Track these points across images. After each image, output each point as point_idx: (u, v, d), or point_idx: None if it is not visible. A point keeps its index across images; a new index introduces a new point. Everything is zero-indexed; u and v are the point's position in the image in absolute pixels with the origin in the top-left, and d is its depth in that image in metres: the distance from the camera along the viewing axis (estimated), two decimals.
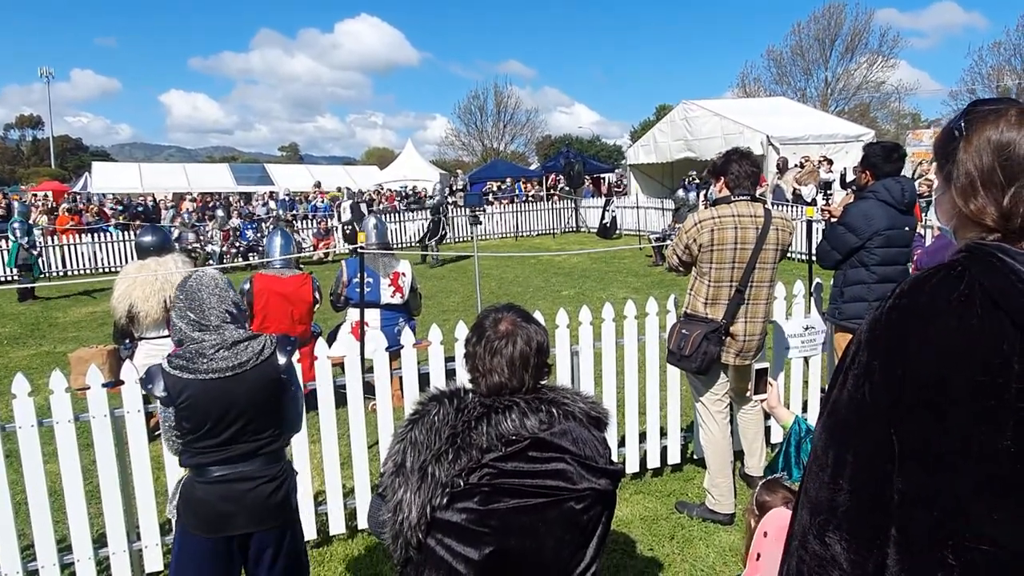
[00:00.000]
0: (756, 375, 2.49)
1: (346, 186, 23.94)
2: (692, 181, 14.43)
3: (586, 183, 22.65)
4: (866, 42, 38.01)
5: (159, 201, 22.50)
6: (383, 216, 15.97)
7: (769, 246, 3.40)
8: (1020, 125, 0.95)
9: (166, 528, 3.30)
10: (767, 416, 3.82)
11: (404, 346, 3.65)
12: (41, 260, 13.22)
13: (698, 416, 3.73)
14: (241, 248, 15.44)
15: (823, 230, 4.60)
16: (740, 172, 3.41)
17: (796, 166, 14.20)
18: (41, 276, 12.70)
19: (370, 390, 3.66)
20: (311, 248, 15.70)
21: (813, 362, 4.47)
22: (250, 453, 2.22)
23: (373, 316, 5.29)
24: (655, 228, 15.49)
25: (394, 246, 10.87)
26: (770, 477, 2.13)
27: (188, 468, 2.26)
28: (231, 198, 23.96)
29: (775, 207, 10.69)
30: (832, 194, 13.18)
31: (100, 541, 3.24)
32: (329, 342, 4.57)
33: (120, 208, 20.05)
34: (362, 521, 3.55)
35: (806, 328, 4.14)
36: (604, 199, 19.36)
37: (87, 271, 14.99)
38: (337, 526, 3.55)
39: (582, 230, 19.63)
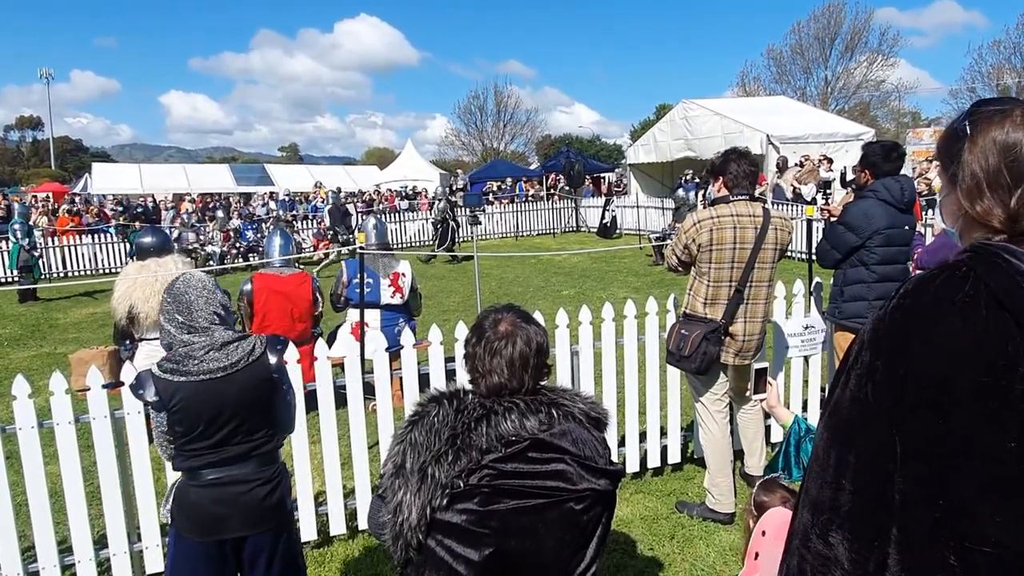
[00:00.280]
0: (755, 374, 2.49)
1: (329, 188, 22.36)
2: (689, 180, 14.42)
3: (586, 183, 22.65)
4: (866, 41, 38.06)
5: (159, 202, 22.51)
6: (383, 216, 15.98)
7: (768, 246, 3.40)
8: None
9: (167, 529, 3.30)
10: (767, 415, 3.82)
11: (404, 346, 3.65)
12: (42, 262, 13.24)
13: (698, 416, 3.73)
14: (241, 249, 15.45)
15: (823, 229, 4.60)
16: (738, 172, 3.41)
17: (796, 165, 14.19)
18: (41, 277, 12.71)
19: (370, 390, 3.65)
20: (311, 248, 15.70)
21: (813, 361, 4.47)
22: (243, 455, 2.21)
23: (373, 316, 5.29)
24: (655, 227, 15.49)
25: (394, 246, 10.87)
26: (767, 477, 2.14)
27: (181, 472, 2.24)
28: (231, 198, 23.95)
29: (775, 206, 10.70)
30: (832, 193, 13.19)
31: (101, 542, 3.24)
32: (329, 343, 4.57)
33: (120, 209, 20.05)
34: (362, 522, 3.55)
35: (806, 327, 4.14)
36: (604, 199, 19.36)
37: (87, 272, 15.00)
38: (337, 527, 3.55)
39: (582, 230, 19.63)
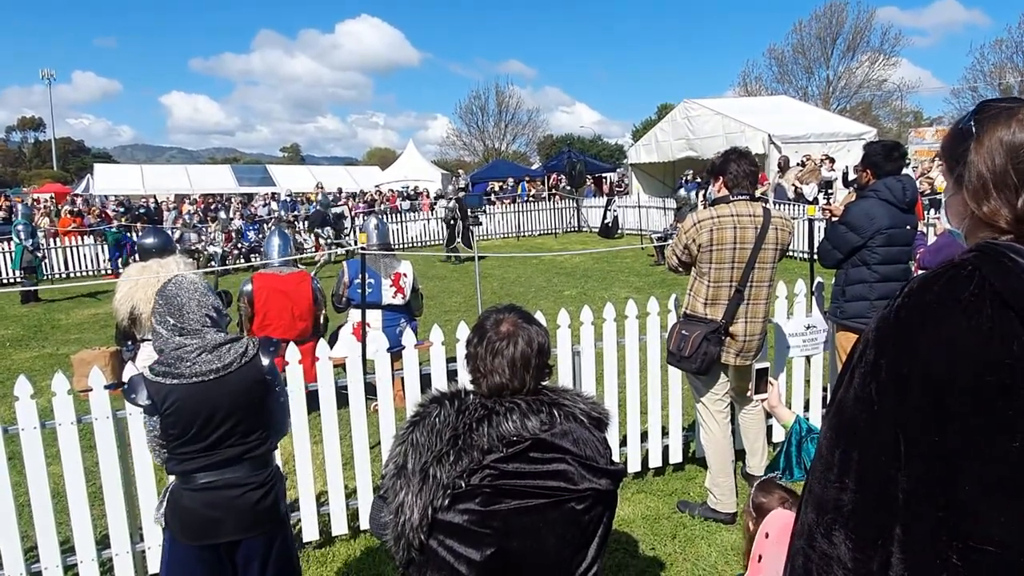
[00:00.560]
0: (757, 374, 2.49)
1: (329, 191, 21.17)
2: (691, 180, 14.42)
3: (588, 183, 22.64)
4: (868, 40, 38.06)
5: (161, 203, 22.53)
6: (383, 217, 15.98)
7: (768, 246, 3.39)
8: None
9: None
10: (768, 415, 3.81)
11: (406, 347, 3.65)
12: (45, 263, 13.27)
13: (699, 416, 3.72)
14: (243, 249, 15.45)
15: (824, 229, 4.59)
16: (739, 172, 3.41)
17: (798, 165, 14.18)
18: (44, 278, 12.74)
19: (372, 391, 3.66)
20: (312, 249, 15.70)
21: (815, 361, 4.46)
22: (236, 458, 2.19)
23: (375, 317, 5.29)
24: (657, 227, 15.48)
25: (395, 247, 10.87)
26: (764, 477, 2.14)
27: (175, 475, 2.23)
28: (232, 199, 23.97)
29: (776, 206, 10.70)
30: (833, 193, 13.17)
31: (103, 542, 3.24)
32: (330, 343, 4.58)
33: (122, 210, 20.07)
34: (364, 522, 3.55)
35: (808, 327, 4.13)
36: (606, 199, 19.34)
37: (90, 273, 15.02)
38: (339, 527, 3.55)
39: (584, 230, 19.62)
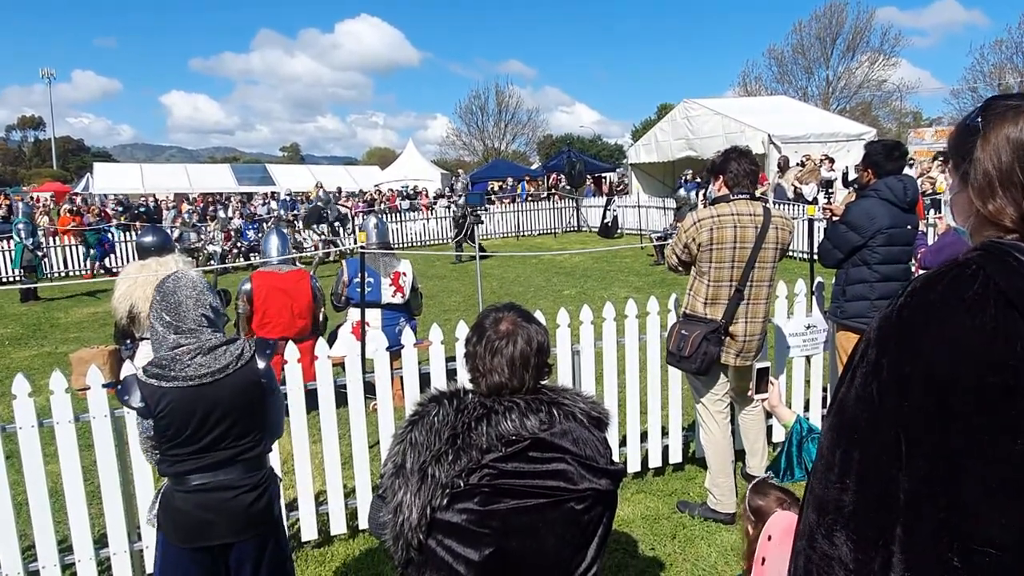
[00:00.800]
0: (757, 374, 2.48)
1: (330, 190, 20.52)
2: (690, 180, 14.41)
3: (587, 182, 22.64)
4: (867, 40, 38.02)
5: (160, 202, 22.52)
6: (383, 216, 15.97)
7: (769, 245, 3.38)
8: None
9: None
10: (768, 416, 3.81)
11: (405, 346, 3.64)
12: (45, 261, 13.25)
13: (699, 416, 3.71)
14: (243, 248, 15.44)
15: (825, 229, 4.58)
16: (739, 171, 3.40)
17: (797, 165, 14.18)
18: (44, 277, 12.73)
19: (371, 390, 3.65)
20: (311, 248, 15.69)
21: (815, 361, 4.46)
22: (230, 460, 2.17)
23: (374, 316, 5.29)
24: (656, 227, 15.48)
25: (394, 246, 10.87)
26: (757, 479, 2.13)
27: (167, 477, 2.21)
28: (232, 198, 23.96)
29: (776, 206, 10.68)
30: (833, 193, 13.17)
31: (101, 541, 3.23)
32: (329, 342, 4.57)
33: (121, 209, 20.05)
34: (363, 521, 3.54)
35: (808, 327, 4.13)
36: (605, 198, 19.34)
37: (89, 271, 14.99)
38: (338, 526, 3.55)
39: (583, 229, 19.61)
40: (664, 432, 4.19)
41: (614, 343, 3.98)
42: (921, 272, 3.49)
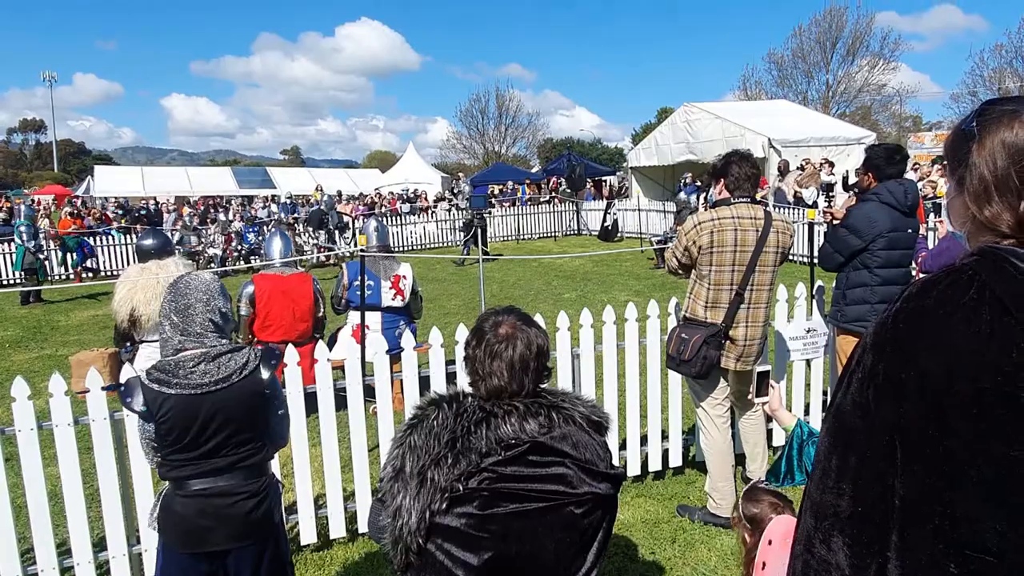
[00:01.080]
0: (758, 378, 2.48)
1: (329, 193, 19.70)
2: (690, 183, 14.42)
3: (587, 186, 22.65)
4: (867, 45, 37.97)
5: (161, 205, 22.54)
6: (383, 219, 15.97)
7: (769, 249, 3.38)
8: None
9: None
10: (768, 420, 3.80)
11: (405, 349, 3.64)
12: (47, 264, 13.24)
13: (699, 421, 3.71)
14: (243, 251, 15.44)
15: (825, 232, 4.59)
16: (740, 174, 3.40)
17: (797, 169, 14.18)
18: (45, 280, 12.73)
19: (371, 393, 3.65)
20: (312, 250, 15.69)
21: (815, 365, 4.45)
22: (229, 466, 2.17)
23: (374, 319, 5.28)
24: (657, 231, 15.48)
25: (394, 249, 10.86)
26: (748, 485, 2.12)
27: (167, 481, 2.21)
28: (232, 201, 23.98)
29: (776, 210, 10.69)
30: (834, 196, 13.17)
31: (100, 545, 3.23)
32: (329, 345, 4.57)
33: (122, 212, 20.07)
34: (362, 525, 3.54)
35: (808, 331, 4.13)
36: (605, 202, 19.35)
37: (89, 275, 14.97)
38: (337, 530, 3.54)
39: (583, 233, 19.62)
40: (664, 436, 4.18)
41: (614, 347, 3.98)
42: (921, 276, 3.49)
